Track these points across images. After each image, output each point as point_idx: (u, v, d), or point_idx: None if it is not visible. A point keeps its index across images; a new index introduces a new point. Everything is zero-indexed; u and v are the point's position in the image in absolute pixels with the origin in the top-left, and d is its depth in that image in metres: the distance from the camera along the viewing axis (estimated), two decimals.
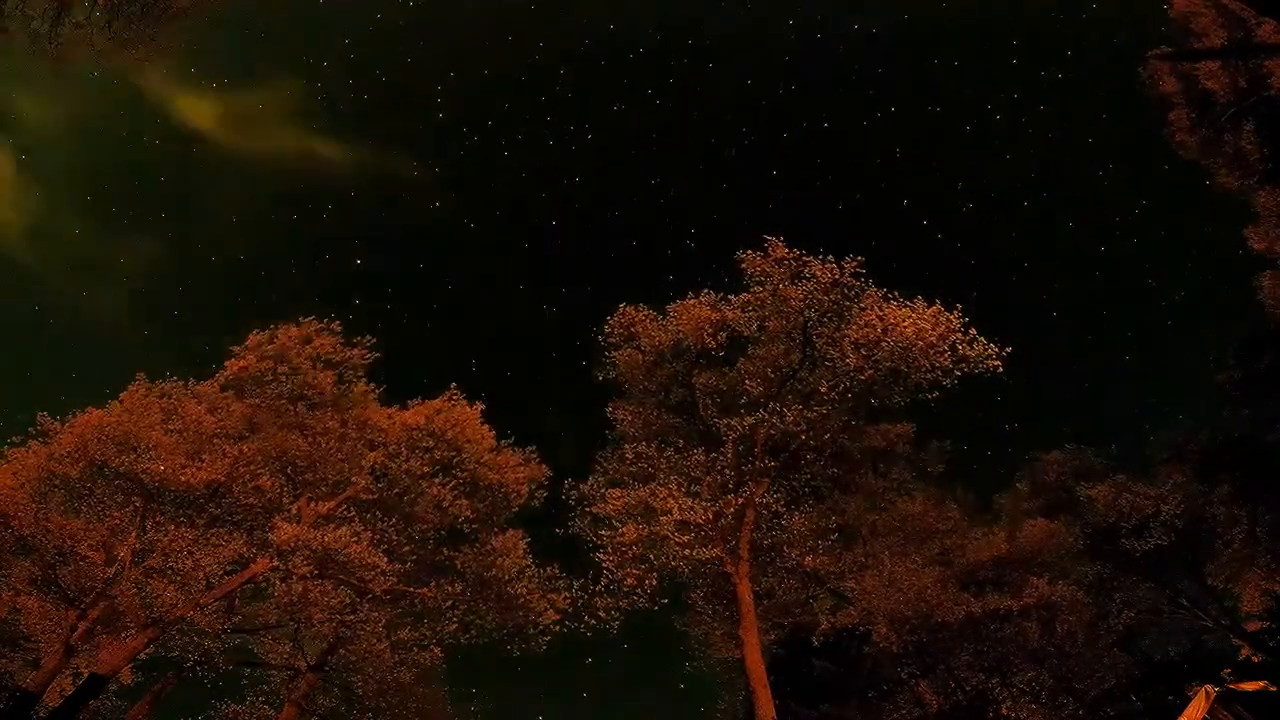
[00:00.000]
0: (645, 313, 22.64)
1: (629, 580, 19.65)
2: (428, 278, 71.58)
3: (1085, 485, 26.96)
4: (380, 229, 69.63)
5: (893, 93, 62.15)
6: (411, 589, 23.23)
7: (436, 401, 25.26)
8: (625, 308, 22.80)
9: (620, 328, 22.92)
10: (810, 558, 23.27)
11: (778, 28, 57.33)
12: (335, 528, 20.46)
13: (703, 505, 19.60)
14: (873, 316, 19.44)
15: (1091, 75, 50.64)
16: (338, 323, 25.44)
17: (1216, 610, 26.02)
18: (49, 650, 19.89)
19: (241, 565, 20.72)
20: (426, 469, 23.82)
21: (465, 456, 24.45)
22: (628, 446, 22.45)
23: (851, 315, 19.96)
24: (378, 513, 23.14)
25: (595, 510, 21.44)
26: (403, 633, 24.11)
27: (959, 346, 18.97)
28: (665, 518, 19.17)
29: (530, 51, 60.03)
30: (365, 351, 25.72)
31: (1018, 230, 60.99)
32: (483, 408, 25.56)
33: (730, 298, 21.55)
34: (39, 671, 18.73)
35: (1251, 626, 24.61)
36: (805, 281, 20.05)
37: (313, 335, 24.87)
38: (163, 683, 22.10)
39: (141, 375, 22.63)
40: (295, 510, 21.76)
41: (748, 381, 21.88)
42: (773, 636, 27.30)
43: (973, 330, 19.03)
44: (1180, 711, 17.86)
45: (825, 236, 21.28)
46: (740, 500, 20.64)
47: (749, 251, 20.68)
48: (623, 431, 23.84)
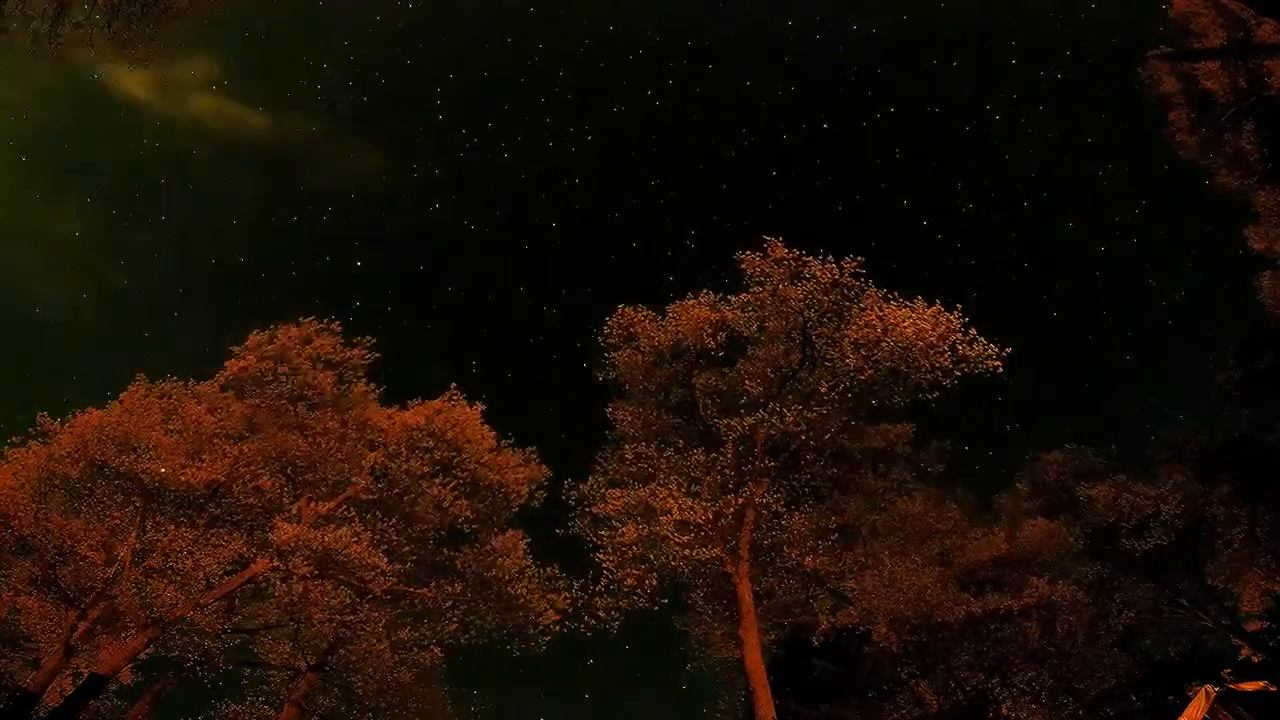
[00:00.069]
0: (645, 313, 22.62)
1: (629, 580, 19.64)
2: (428, 279, 71.57)
3: (1085, 485, 26.96)
4: (380, 230, 69.70)
5: (892, 93, 62.25)
6: (411, 589, 23.22)
7: (436, 402, 25.26)
8: (625, 308, 22.79)
9: (620, 328, 22.90)
10: (810, 558, 23.26)
11: (777, 28, 57.35)
12: (335, 528, 20.46)
13: (703, 505, 19.60)
14: (873, 317, 19.43)
15: (1091, 75, 50.70)
16: (338, 323, 25.49)
17: (1216, 610, 26.02)
18: (49, 650, 19.89)
19: (241, 565, 20.72)
20: (426, 469, 23.82)
21: (465, 457, 24.45)
22: (628, 446, 22.44)
23: (851, 315, 19.96)
24: (378, 513, 23.13)
25: (595, 510, 21.43)
26: (403, 633, 24.11)
27: (959, 346, 18.97)
28: (665, 518, 19.16)
29: (530, 53, 60.07)
30: (365, 352, 25.71)
31: (1018, 230, 61.07)
32: (483, 408, 25.58)
33: (730, 298, 21.55)
34: (39, 671, 18.74)
35: (1251, 626, 24.61)
36: (805, 282, 20.04)
37: (313, 335, 24.87)
38: (163, 683, 22.10)
39: (141, 375, 22.66)
40: (295, 510, 21.76)
41: (748, 382, 21.87)
42: (773, 636, 27.29)
43: (973, 330, 19.04)
44: (1180, 711, 17.86)
45: (825, 237, 21.25)
46: (740, 500, 20.63)
47: (748, 252, 20.68)
48: (623, 432, 23.83)
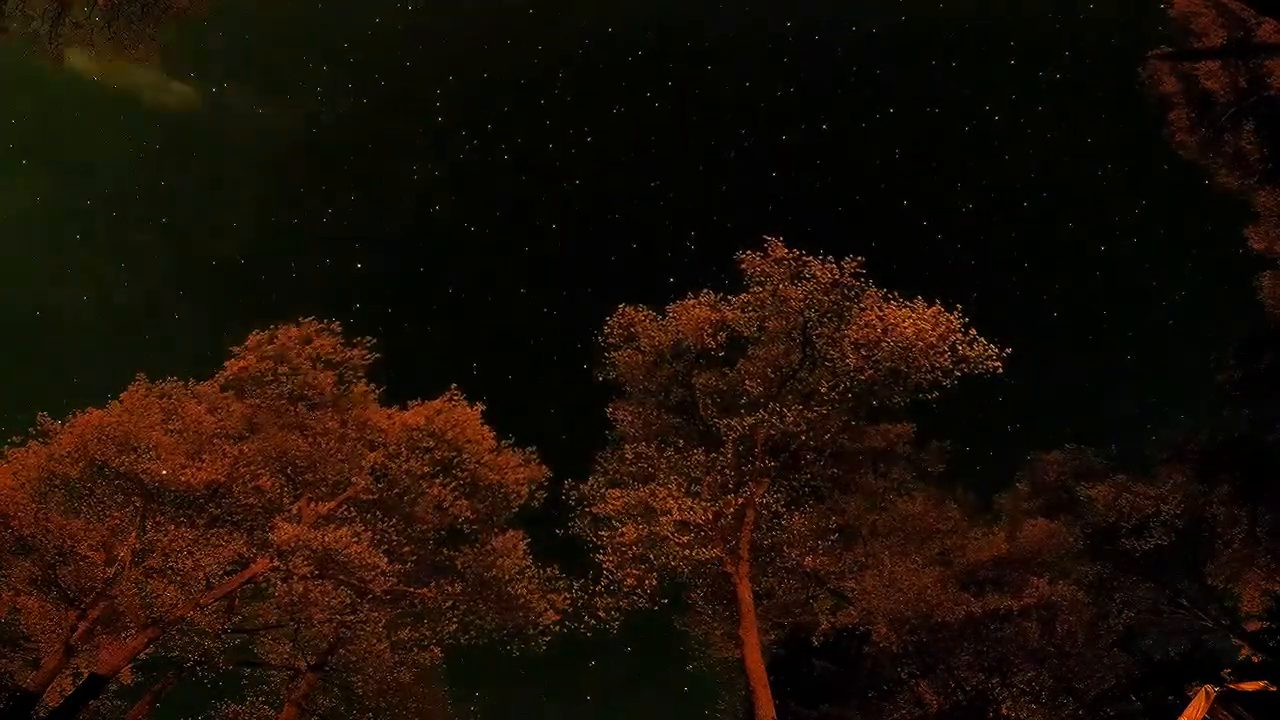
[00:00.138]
0: (645, 313, 22.60)
1: (629, 580, 19.63)
2: (428, 279, 71.62)
3: (1085, 485, 26.97)
4: (380, 231, 69.69)
5: (892, 94, 62.21)
6: (411, 589, 23.21)
7: (437, 402, 25.24)
8: (625, 308, 22.77)
9: (620, 328, 22.89)
10: (810, 558, 23.26)
11: (776, 29, 57.40)
12: (335, 528, 20.44)
13: (703, 505, 19.59)
14: (873, 317, 19.44)
15: (1090, 75, 50.76)
16: (338, 323, 25.45)
17: (1216, 610, 26.02)
18: (49, 650, 19.89)
19: (241, 565, 20.72)
20: (426, 469, 23.80)
21: (465, 457, 24.44)
22: (628, 446, 22.43)
23: (851, 315, 19.96)
24: (378, 513, 23.11)
25: (595, 510, 21.41)
26: (403, 633, 24.10)
27: (959, 346, 18.98)
28: (665, 518, 19.15)
29: (529, 54, 60.16)
30: (365, 352, 25.68)
31: (1018, 230, 61.09)
32: (483, 408, 25.57)
33: (730, 298, 21.56)
34: (39, 671, 18.74)
35: (1251, 626, 24.61)
36: (805, 282, 20.04)
37: (313, 335, 24.85)
38: (163, 683, 22.10)
39: (141, 375, 22.67)
40: (295, 510, 21.76)
41: (748, 381, 21.86)
42: (773, 636, 27.29)
43: (973, 330, 19.05)
44: (1180, 711, 17.87)
45: (825, 237, 21.30)
46: (740, 500, 20.63)
47: (748, 252, 20.69)
48: (623, 432, 23.81)
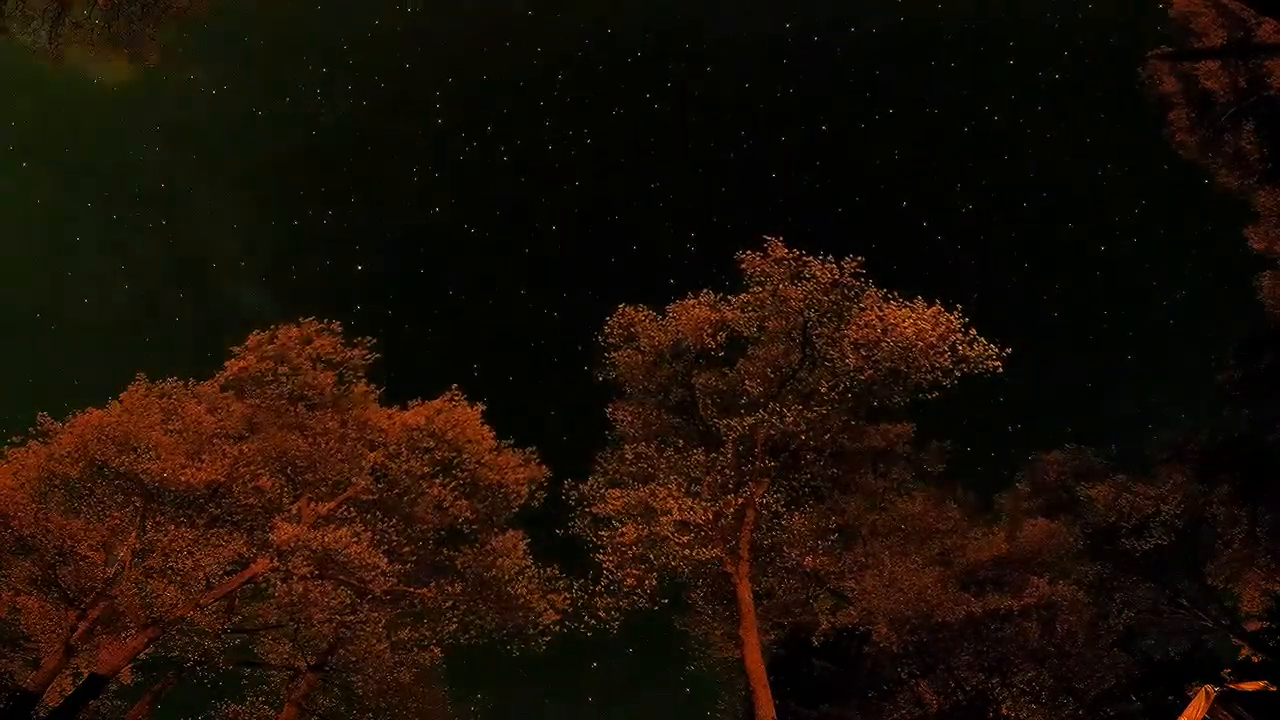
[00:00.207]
0: (645, 313, 22.60)
1: (629, 580, 19.63)
2: (428, 281, 71.60)
3: (1085, 485, 26.98)
4: (380, 232, 69.70)
5: (891, 94, 62.18)
6: (411, 589, 23.20)
7: (437, 402, 25.23)
8: (625, 308, 22.77)
9: (620, 328, 22.89)
10: (810, 558, 23.26)
11: (775, 30, 57.39)
12: (335, 528, 20.43)
13: (703, 505, 19.59)
14: (873, 317, 19.44)
15: (1090, 76, 50.74)
16: (338, 323, 25.46)
17: (1216, 610, 26.02)
18: (49, 650, 19.89)
19: (241, 565, 20.70)
20: (426, 469, 23.79)
21: (465, 457, 24.43)
22: (628, 447, 22.44)
23: (851, 315, 19.96)
24: (378, 513, 23.10)
25: (595, 510, 21.41)
26: (403, 633, 24.09)
27: (959, 346, 18.98)
28: (665, 518, 19.15)
29: (528, 56, 60.17)
30: (365, 352, 25.68)
31: (1018, 230, 61.06)
32: (483, 408, 25.57)
33: (730, 298, 21.56)
34: (39, 671, 18.73)
35: (1251, 626, 24.61)
36: (805, 282, 20.04)
37: (313, 335, 24.85)
38: (163, 683, 22.09)
39: (141, 375, 22.64)
40: (295, 510, 21.75)
41: (748, 381, 21.86)
42: (773, 636, 27.28)
43: (973, 330, 19.05)
44: (1180, 711, 17.85)
45: (825, 238, 21.33)
46: (740, 500, 20.63)
47: (748, 252, 20.68)
48: (623, 432, 23.82)
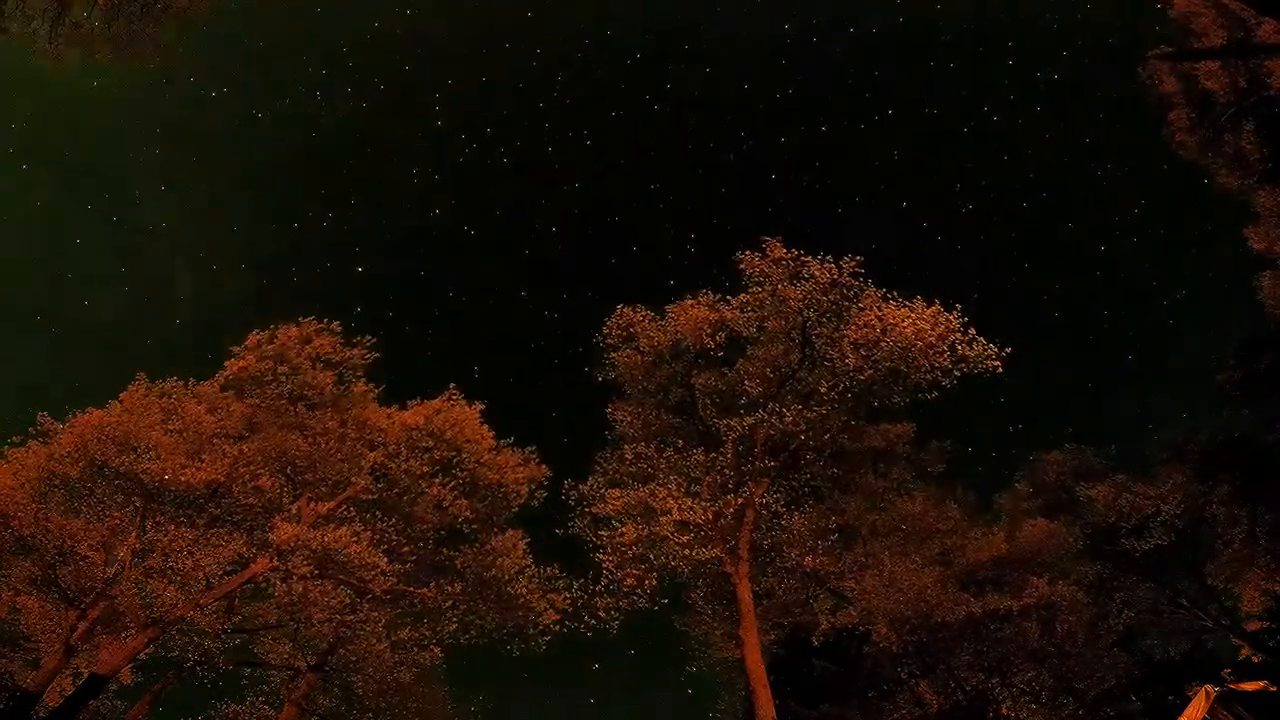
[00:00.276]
0: (644, 313, 22.63)
1: (629, 580, 19.64)
2: (428, 283, 71.44)
3: (1085, 485, 26.95)
4: (380, 234, 69.68)
5: (890, 95, 62.15)
6: (411, 589, 23.22)
7: (436, 401, 25.25)
8: (624, 308, 22.80)
9: (619, 328, 22.91)
10: (810, 558, 23.26)
11: (774, 31, 57.35)
12: (335, 528, 20.45)
13: (703, 505, 19.60)
14: (872, 316, 19.45)
15: (1089, 76, 50.71)
16: (337, 323, 25.47)
17: (1216, 610, 26.00)
18: (49, 650, 19.89)
19: (241, 565, 20.71)
20: (426, 469, 23.81)
21: (465, 456, 24.44)
22: (627, 447, 22.46)
23: (851, 315, 19.97)
24: (378, 513, 23.11)
25: (595, 510, 21.42)
26: (403, 633, 24.10)
27: (959, 346, 18.99)
28: (665, 518, 19.16)
29: (528, 57, 60.13)
30: (365, 351, 25.69)
31: (1018, 230, 61.00)
32: (482, 408, 25.59)
33: (729, 298, 21.58)
34: (39, 671, 18.74)
35: (1251, 626, 24.60)
36: (804, 282, 20.07)
37: (312, 335, 24.86)
38: (163, 683, 22.11)
39: (141, 375, 22.67)
40: (295, 510, 21.76)
41: (747, 382, 21.87)
42: (773, 636, 27.28)
43: (972, 330, 19.07)
44: (1180, 711, 17.84)
45: (825, 238, 21.31)
46: (740, 500, 20.63)
47: (747, 252, 20.73)
48: (622, 432, 23.83)
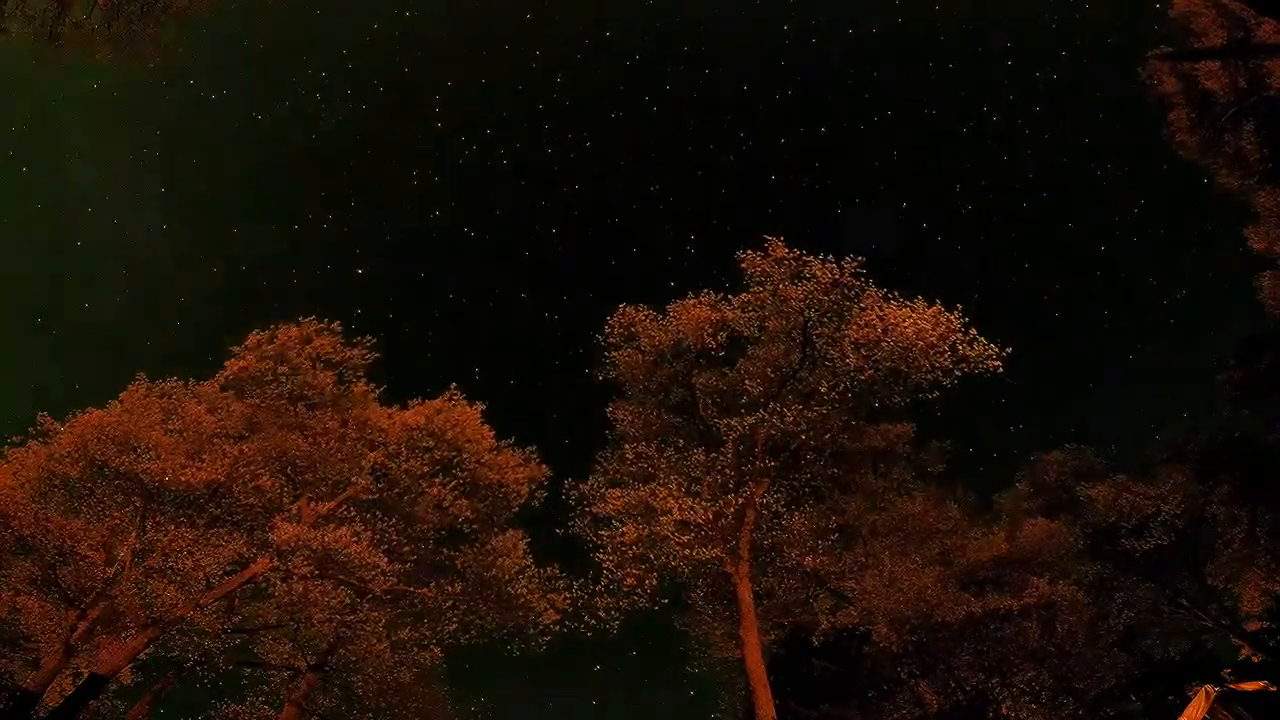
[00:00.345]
0: (645, 313, 22.63)
1: (629, 580, 19.64)
2: (428, 285, 71.48)
3: (1085, 485, 26.95)
4: (381, 236, 69.70)
5: (889, 95, 62.25)
6: (411, 589, 23.20)
7: (436, 401, 25.23)
8: (625, 308, 22.79)
9: (620, 328, 22.90)
10: (810, 558, 23.25)
11: (774, 32, 57.43)
12: (335, 528, 20.42)
13: (703, 505, 19.59)
14: (873, 316, 19.45)
15: (1089, 76, 50.78)
16: (338, 323, 25.46)
17: (1216, 610, 26.01)
18: (49, 650, 19.88)
19: (241, 565, 20.70)
20: (426, 469, 23.78)
21: (465, 456, 24.42)
22: (628, 446, 22.44)
23: (851, 315, 19.98)
24: (378, 513, 23.10)
25: (595, 510, 21.42)
26: (403, 633, 24.09)
27: (959, 346, 19.00)
28: (665, 518, 19.16)
29: (527, 59, 60.19)
30: (365, 351, 25.68)
31: (1018, 230, 61.07)
32: (483, 408, 25.58)
33: (730, 298, 21.59)
34: (39, 671, 18.71)
35: (1251, 626, 24.61)
36: (805, 281, 20.06)
37: (312, 335, 24.84)
38: (163, 683, 22.09)
39: (141, 375, 22.65)
40: (295, 510, 21.74)
41: (748, 381, 21.87)
42: (773, 636, 27.27)
43: (973, 330, 19.07)
44: (1180, 711, 17.85)
45: (825, 239, 21.32)
46: (740, 500, 20.63)
47: (749, 251, 20.71)
48: (623, 431, 23.82)
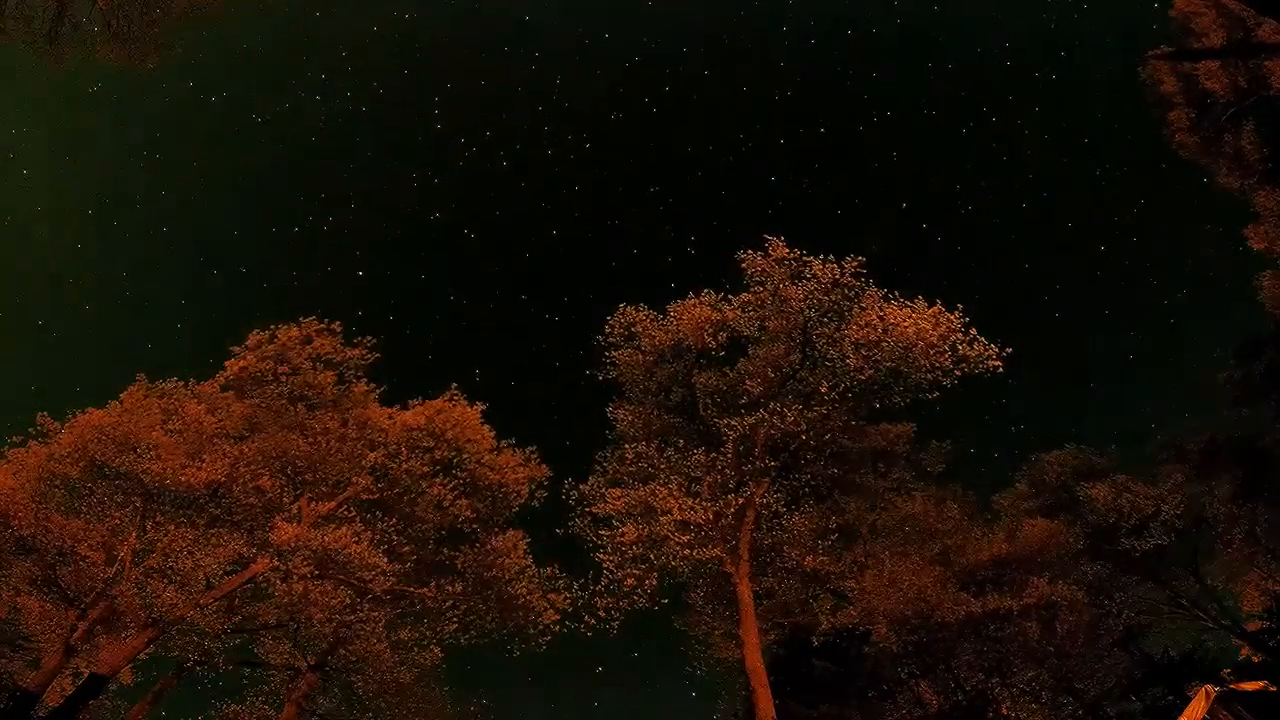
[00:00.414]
0: (645, 313, 22.63)
1: (629, 580, 19.62)
2: (429, 287, 71.44)
3: (1085, 485, 26.96)
4: (381, 238, 69.69)
5: (889, 95, 62.28)
6: (411, 589, 23.20)
7: (437, 401, 25.22)
8: (625, 307, 22.81)
9: (621, 327, 22.92)
10: (810, 558, 23.27)
11: (773, 33, 57.48)
12: (335, 528, 20.44)
13: (703, 505, 19.59)
14: (873, 317, 19.47)
15: (1089, 76, 50.81)
16: (338, 323, 25.52)
17: (1216, 610, 26.04)
18: (49, 650, 19.87)
19: (241, 565, 20.69)
20: (426, 469, 23.79)
21: (465, 456, 24.43)
22: (628, 446, 22.43)
23: (852, 315, 19.99)
24: (378, 513, 23.12)
25: (595, 510, 21.42)
26: (403, 633, 24.12)
27: (959, 346, 19.01)
28: (665, 518, 19.16)
29: (526, 60, 60.19)
30: (365, 351, 25.72)
31: (1018, 230, 61.07)
32: (483, 407, 25.59)
33: (730, 298, 21.61)
34: (39, 671, 18.72)
35: (1251, 626, 24.63)
36: (806, 281, 20.07)
37: (313, 335, 24.88)
38: (163, 683, 22.11)
39: (141, 375, 22.67)
40: (295, 510, 21.75)
41: (748, 381, 21.88)
42: (773, 636, 27.26)
43: (973, 330, 19.08)
44: (1180, 711, 17.86)
45: (825, 239, 21.31)
46: (740, 500, 20.63)
47: (749, 251, 20.72)
48: (623, 431, 23.81)
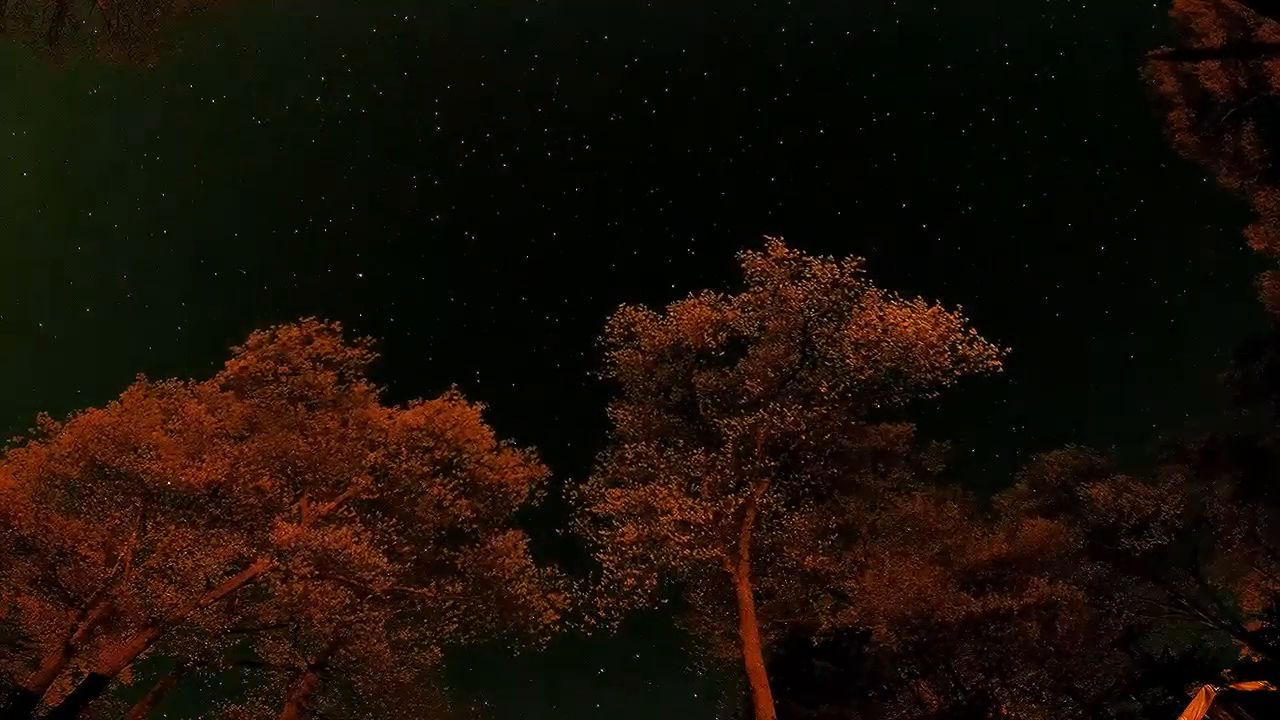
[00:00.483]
0: (645, 313, 22.64)
1: (629, 580, 19.62)
2: (429, 288, 71.43)
3: (1085, 485, 26.97)
4: (381, 240, 69.67)
5: (889, 96, 62.25)
6: (411, 589, 23.21)
7: (437, 401, 25.24)
8: (625, 308, 22.81)
9: (620, 327, 22.92)
10: (810, 558, 23.27)
11: (772, 33, 57.48)
12: (335, 528, 20.45)
13: (703, 505, 19.59)
14: (873, 317, 19.48)
15: (1089, 76, 50.81)
16: (338, 323, 25.55)
17: (1216, 610, 26.04)
18: (49, 650, 19.88)
19: (241, 565, 20.69)
20: (426, 469, 23.80)
21: (465, 456, 24.44)
22: (628, 446, 22.44)
23: (852, 315, 20.00)
24: (378, 513, 23.13)
25: (595, 510, 21.41)
26: (403, 633, 24.12)
27: (959, 346, 19.01)
28: (665, 518, 19.17)
29: (526, 62, 60.17)
30: (365, 351, 25.74)
31: (1018, 230, 61.06)
32: (483, 407, 25.60)
33: (730, 298, 21.62)
34: (39, 671, 18.72)
35: (1251, 626, 24.63)
36: (805, 281, 20.09)
37: (313, 335, 24.90)
38: (163, 683, 22.11)
39: (141, 375, 22.68)
40: (295, 510, 21.76)
41: (748, 381, 21.88)
42: (773, 636, 27.25)
43: (973, 330, 19.09)
44: (1180, 711, 17.86)
45: (825, 240, 21.30)
46: (740, 500, 20.63)
47: (749, 251, 20.73)
48: (623, 431, 23.81)
